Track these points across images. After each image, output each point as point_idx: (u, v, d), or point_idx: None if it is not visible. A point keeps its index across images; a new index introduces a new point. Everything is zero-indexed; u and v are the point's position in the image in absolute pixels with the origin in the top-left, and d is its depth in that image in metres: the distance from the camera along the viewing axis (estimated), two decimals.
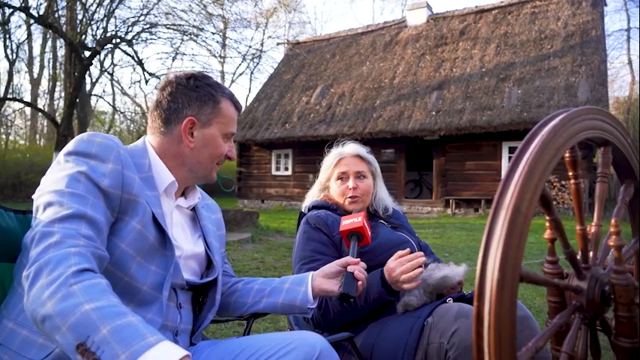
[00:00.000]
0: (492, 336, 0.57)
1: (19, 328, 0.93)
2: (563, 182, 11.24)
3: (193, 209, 1.22)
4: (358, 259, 1.22)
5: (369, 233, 1.35)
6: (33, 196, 0.97)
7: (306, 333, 1.07)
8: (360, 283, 1.18)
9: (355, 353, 1.29)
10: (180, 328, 1.10)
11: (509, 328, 0.58)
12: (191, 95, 1.11)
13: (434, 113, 12.91)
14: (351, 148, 1.74)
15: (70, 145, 0.99)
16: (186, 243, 1.14)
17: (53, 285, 0.76)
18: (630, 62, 24.96)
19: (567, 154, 0.74)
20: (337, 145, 1.79)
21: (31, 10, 11.82)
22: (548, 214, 0.71)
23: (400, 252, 1.40)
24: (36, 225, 0.88)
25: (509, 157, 12.38)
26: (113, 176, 0.97)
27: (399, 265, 1.35)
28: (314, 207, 1.70)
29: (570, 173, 0.75)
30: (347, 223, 1.35)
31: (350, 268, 1.19)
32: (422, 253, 1.40)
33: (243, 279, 1.33)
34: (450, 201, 12.86)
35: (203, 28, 13.85)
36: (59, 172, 0.95)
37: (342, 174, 1.69)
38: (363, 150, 1.76)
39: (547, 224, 0.75)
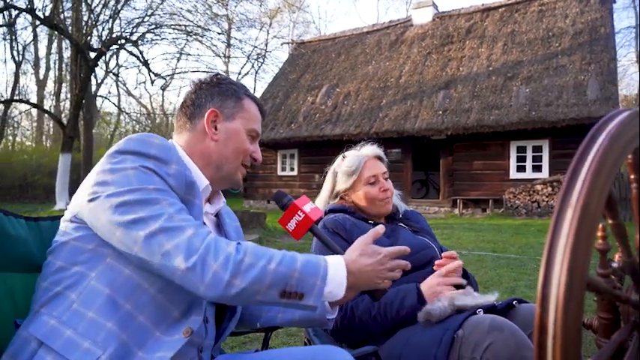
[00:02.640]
0: (558, 347, 0.51)
1: (64, 328, 0.88)
2: None
3: (216, 215, 1.19)
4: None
5: (309, 209, 1.13)
6: (84, 199, 0.92)
7: (330, 348, 1.02)
8: None
9: None
10: (205, 344, 1.05)
11: (576, 339, 0.52)
12: (213, 90, 1.12)
13: (441, 112, 12.83)
14: (373, 150, 1.68)
15: (125, 145, 0.95)
16: None
17: (229, 266, 0.85)
18: (639, 60, 24.71)
19: (630, 156, 0.67)
20: (350, 149, 1.72)
21: (36, 12, 11.86)
22: (612, 217, 0.64)
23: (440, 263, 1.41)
24: (135, 222, 0.87)
25: (517, 157, 12.29)
26: (177, 177, 0.96)
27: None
28: (331, 210, 1.64)
29: (632, 176, 0.69)
30: (292, 227, 1.12)
31: None
32: (460, 263, 1.40)
33: None
34: (458, 201, 12.76)
35: (208, 29, 13.84)
36: (122, 172, 0.91)
37: (373, 177, 1.62)
38: (381, 151, 1.71)
39: (600, 233, 0.68)
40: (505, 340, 1.12)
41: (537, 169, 12.07)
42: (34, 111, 24.07)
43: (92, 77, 16.35)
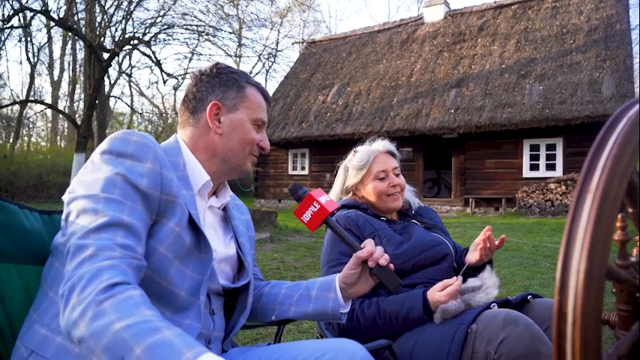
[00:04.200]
0: (578, 333, 0.50)
1: (53, 335, 0.88)
2: None
3: (224, 209, 1.17)
4: (369, 249, 1.08)
5: (324, 201, 1.12)
6: (63, 197, 0.92)
7: (344, 341, 1.00)
8: (391, 266, 1.08)
9: None
10: (212, 336, 1.05)
11: (595, 326, 0.51)
12: (214, 82, 1.10)
13: (452, 111, 12.73)
14: (384, 145, 1.68)
15: (104, 144, 0.94)
16: (219, 245, 1.09)
17: (83, 304, 0.72)
18: None
19: None
20: (362, 144, 1.71)
21: (51, 13, 12.00)
22: (633, 205, 0.63)
23: (447, 282, 1.33)
24: (70, 235, 0.83)
25: (531, 155, 12.14)
26: (151, 176, 0.92)
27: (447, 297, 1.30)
28: (344, 206, 1.63)
29: None
30: (307, 218, 1.11)
31: (370, 264, 1.08)
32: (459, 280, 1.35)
33: (270, 282, 1.27)
34: (470, 200, 12.66)
35: (220, 28, 13.91)
36: (94, 174, 0.89)
37: (383, 172, 1.61)
38: (393, 146, 1.69)
39: (619, 223, 0.66)
40: (520, 334, 1.10)
41: (551, 167, 11.92)
42: (49, 112, 24.43)
43: (105, 78, 16.54)
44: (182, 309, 0.95)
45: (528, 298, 1.37)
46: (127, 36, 13.44)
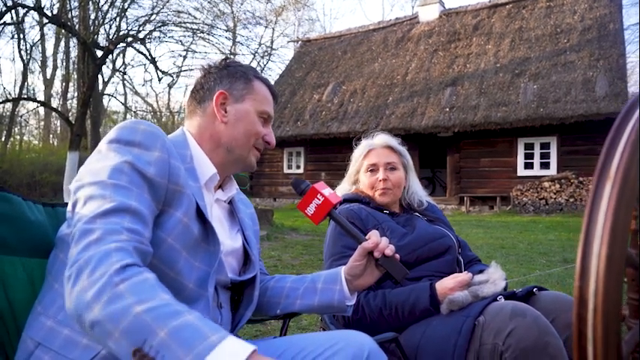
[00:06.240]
0: (600, 319, 0.50)
1: (60, 327, 0.87)
2: (581, 179, 11.04)
3: (230, 202, 1.17)
4: (374, 239, 1.07)
5: (328, 193, 1.12)
6: (70, 187, 0.91)
7: (352, 333, 0.99)
8: (397, 256, 1.08)
9: (401, 355, 1.21)
10: None
11: (616, 311, 0.51)
12: (222, 73, 1.11)
13: (447, 110, 12.77)
14: (382, 139, 1.69)
15: (112, 133, 0.94)
16: (225, 238, 1.08)
17: (96, 286, 0.70)
18: None
19: None
20: (367, 137, 1.73)
21: (44, 10, 11.91)
22: None
23: (457, 275, 1.35)
24: (77, 221, 0.81)
25: (525, 154, 12.21)
26: (159, 165, 0.91)
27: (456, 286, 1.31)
28: (345, 200, 1.63)
29: None
30: (312, 211, 1.11)
31: (376, 254, 1.07)
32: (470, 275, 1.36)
33: (274, 276, 1.27)
34: (465, 198, 12.71)
35: (215, 26, 13.86)
36: (101, 162, 0.89)
37: (372, 165, 1.64)
38: (394, 141, 1.71)
39: (633, 212, 0.66)
40: (528, 326, 1.11)
41: (545, 166, 12.00)
42: (42, 110, 24.23)
43: (99, 76, 16.42)
44: (190, 301, 0.95)
45: (534, 290, 1.37)
46: (121, 33, 13.36)
